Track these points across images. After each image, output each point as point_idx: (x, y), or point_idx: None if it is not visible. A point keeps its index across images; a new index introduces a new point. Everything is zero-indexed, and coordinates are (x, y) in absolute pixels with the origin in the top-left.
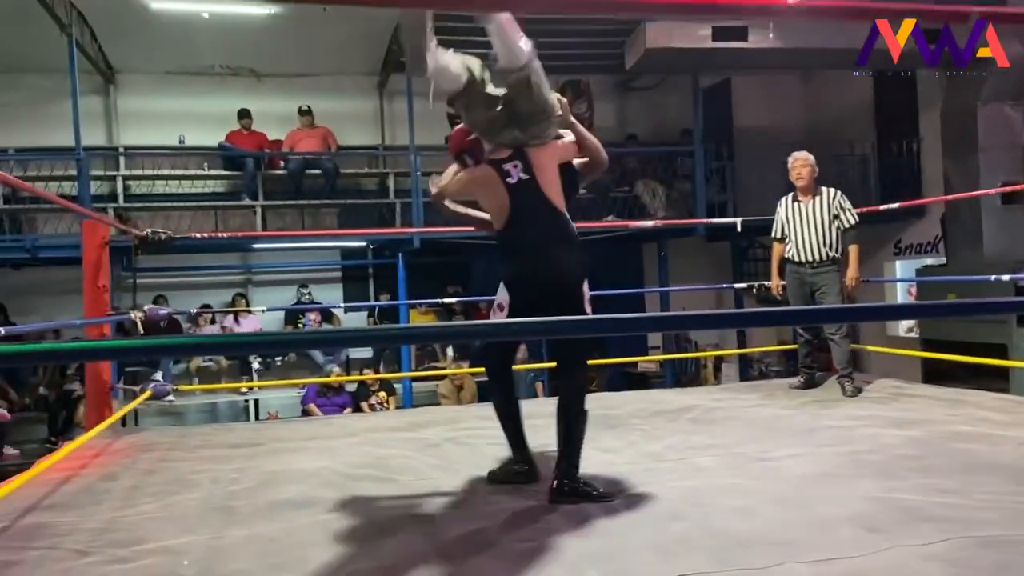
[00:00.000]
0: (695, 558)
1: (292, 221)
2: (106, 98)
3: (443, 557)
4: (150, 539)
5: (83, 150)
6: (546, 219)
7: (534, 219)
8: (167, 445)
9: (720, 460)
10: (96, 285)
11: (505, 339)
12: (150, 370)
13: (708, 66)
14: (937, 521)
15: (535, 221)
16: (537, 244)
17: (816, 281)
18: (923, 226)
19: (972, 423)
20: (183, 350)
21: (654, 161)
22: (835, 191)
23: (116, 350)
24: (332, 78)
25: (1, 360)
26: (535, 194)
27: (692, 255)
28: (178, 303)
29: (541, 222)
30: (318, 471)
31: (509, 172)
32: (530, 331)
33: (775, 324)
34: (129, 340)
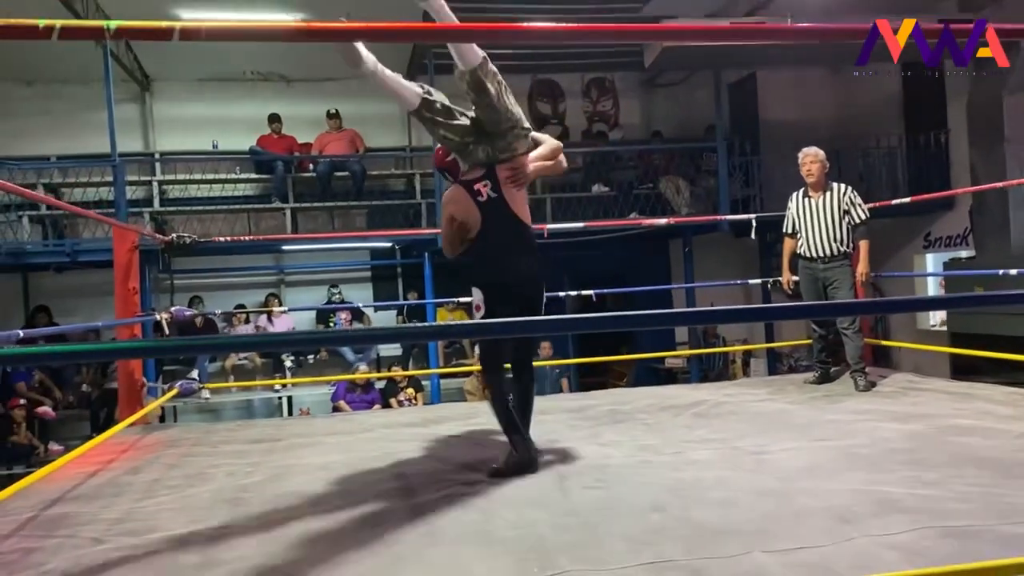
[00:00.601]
0: (666, 547)
1: (322, 222)
2: (142, 105)
3: (432, 545)
4: (160, 528)
5: (119, 156)
6: (513, 231)
7: (503, 232)
8: (192, 441)
9: (715, 453)
10: (127, 287)
11: (523, 336)
12: (187, 368)
13: (729, 62)
14: (910, 512)
15: (503, 233)
16: (506, 254)
17: (828, 276)
18: (952, 218)
19: (975, 417)
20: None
21: (678, 157)
22: (845, 186)
23: (135, 350)
24: (359, 81)
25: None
26: (503, 210)
27: (719, 251)
28: (214, 304)
29: (508, 235)
30: (328, 465)
31: (479, 192)
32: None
33: (786, 319)
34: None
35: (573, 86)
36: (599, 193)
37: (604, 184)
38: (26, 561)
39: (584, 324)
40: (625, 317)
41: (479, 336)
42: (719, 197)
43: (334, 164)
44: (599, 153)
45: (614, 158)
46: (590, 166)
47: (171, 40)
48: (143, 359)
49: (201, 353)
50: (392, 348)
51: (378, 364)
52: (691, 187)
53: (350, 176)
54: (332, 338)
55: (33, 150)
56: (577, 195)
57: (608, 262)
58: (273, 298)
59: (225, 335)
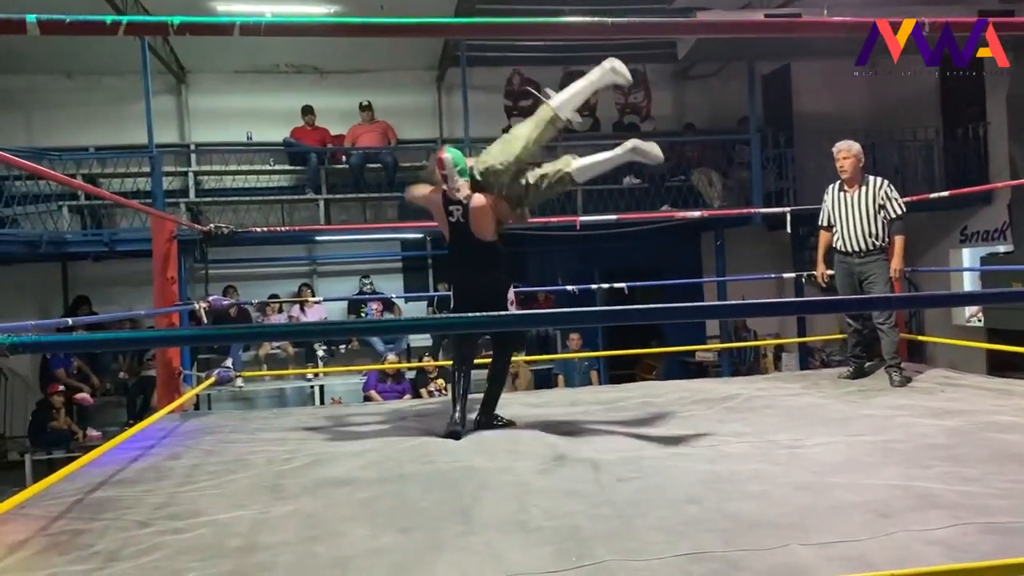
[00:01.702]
0: (703, 539)
1: (354, 214)
2: (178, 97)
3: (469, 533)
4: (204, 513)
5: (156, 147)
6: (474, 249)
7: (465, 248)
8: (229, 428)
9: (749, 447)
10: (164, 277)
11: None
12: (221, 357)
13: (763, 53)
14: (950, 508)
15: (466, 250)
16: (465, 266)
17: (863, 270)
18: (990, 213)
19: (1014, 413)
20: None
21: (711, 149)
22: (882, 180)
23: (177, 338)
24: (392, 73)
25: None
26: (467, 233)
27: (751, 244)
28: (248, 293)
29: (470, 251)
30: (363, 452)
31: (452, 212)
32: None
33: (818, 312)
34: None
35: None
36: (630, 185)
37: (635, 176)
38: (75, 542)
39: (613, 316)
40: (653, 310)
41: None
42: (752, 190)
43: (367, 156)
44: None
45: None
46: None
47: (231, 35)
48: (181, 347)
49: (239, 341)
50: (423, 338)
51: (408, 354)
52: (724, 179)
53: (382, 168)
54: (364, 328)
55: (72, 141)
56: (608, 187)
57: (639, 255)
58: (306, 288)
59: (262, 324)
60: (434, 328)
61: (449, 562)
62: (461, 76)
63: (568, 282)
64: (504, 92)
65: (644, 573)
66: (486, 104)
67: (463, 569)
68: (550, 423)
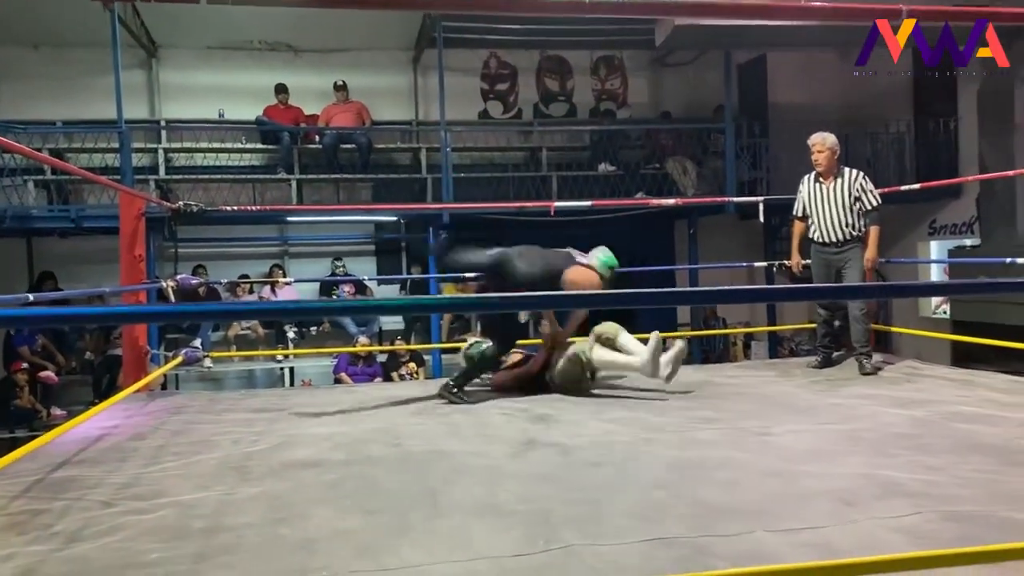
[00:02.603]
0: (670, 524)
1: (327, 195)
2: (148, 72)
3: (437, 516)
4: (168, 494)
5: (125, 123)
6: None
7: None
8: (196, 408)
9: (719, 434)
10: (132, 254)
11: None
12: (190, 337)
13: (740, 42)
14: (914, 496)
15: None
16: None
17: (840, 260)
18: (959, 206)
19: (977, 404)
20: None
21: (686, 138)
22: (857, 172)
23: (142, 315)
24: (367, 53)
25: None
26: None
27: (724, 233)
28: (217, 273)
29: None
30: (332, 435)
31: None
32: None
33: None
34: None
35: (582, 63)
36: (605, 172)
37: (611, 163)
38: (34, 522)
39: (585, 300)
40: (624, 295)
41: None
42: (726, 179)
43: (340, 136)
44: (606, 132)
45: (621, 137)
46: (597, 145)
47: (198, 3)
48: (148, 326)
49: (205, 320)
50: (395, 322)
51: (380, 337)
52: (698, 168)
53: (356, 148)
54: (338, 308)
55: (38, 114)
56: (584, 174)
57: (613, 241)
58: (277, 269)
59: (232, 302)
60: (405, 309)
61: (415, 545)
62: (437, 57)
63: None
64: (480, 75)
65: (611, 558)
66: (462, 86)
67: (429, 552)
68: (521, 408)
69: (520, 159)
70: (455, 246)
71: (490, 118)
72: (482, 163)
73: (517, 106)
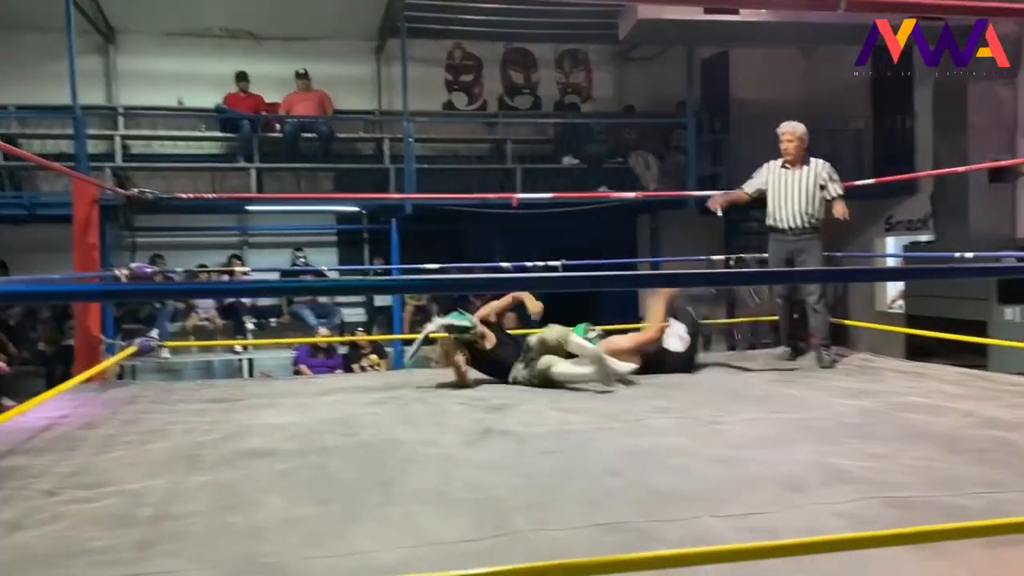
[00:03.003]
0: (619, 510)
1: (288, 184)
2: (105, 58)
3: (388, 504)
4: (115, 482)
5: (80, 109)
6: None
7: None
8: (149, 398)
9: (673, 422)
10: (86, 242)
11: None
12: (147, 327)
13: (703, 38)
14: (857, 483)
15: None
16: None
17: (798, 248)
18: (914, 203)
19: (926, 395)
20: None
21: (649, 133)
22: (823, 162)
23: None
24: (330, 42)
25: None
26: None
27: (685, 227)
28: (175, 263)
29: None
30: (286, 425)
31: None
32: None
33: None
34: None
35: (546, 56)
36: (569, 165)
37: (575, 157)
38: None
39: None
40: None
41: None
42: (687, 174)
43: (302, 125)
44: (570, 125)
45: (585, 131)
46: (561, 138)
47: None
48: (102, 315)
49: (155, 298)
50: (356, 313)
51: (341, 329)
52: (660, 163)
53: (318, 138)
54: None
55: None
56: (547, 167)
57: (576, 235)
58: (236, 259)
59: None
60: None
61: (365, 532)
62: (401, 47)
63: (506, 260)
64: (445, 66)
65: (559, 543)
66: (426, 77)
67: (379, 539)
68: (479, 397)
69: (484, 151)
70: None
71: (454, 109)
72: (446, 154)
73: (482, 98)
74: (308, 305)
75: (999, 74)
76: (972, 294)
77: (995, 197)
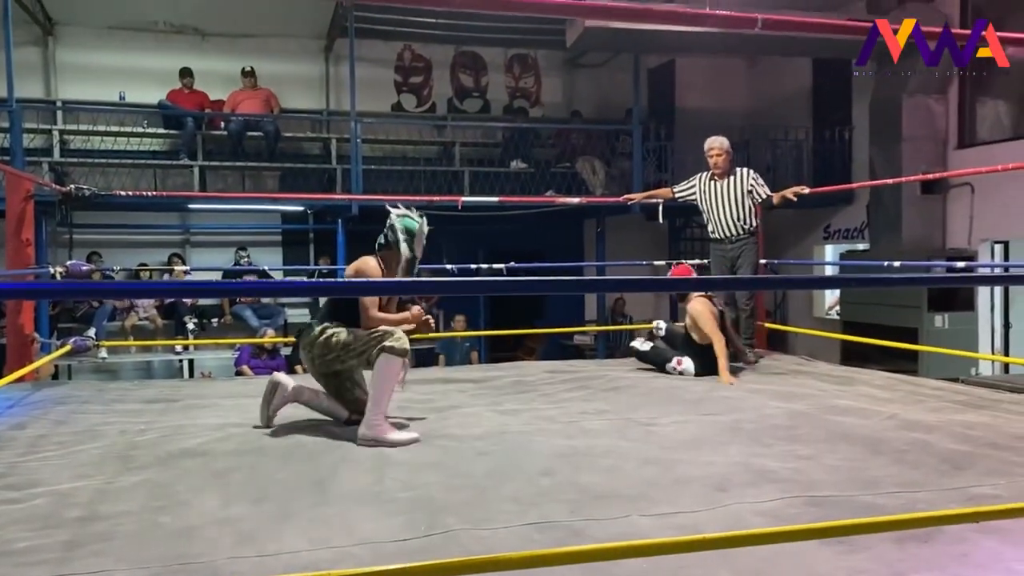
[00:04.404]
0: (551, 509)
1: (233, 183)
2: (44, 50)
3: (322, 504)
4: (44, 483)
5: (16, 102)
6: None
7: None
8: (83, 399)
9: (608, 424)
10: (19, 239)
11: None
12: (84, 326)
13: (649, 47)
14: (782, 483)
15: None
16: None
17: (735, 255)
18: (851, 212)
19: (853, 399)
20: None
21: (596, 138)
22: (748, 170)
23: (23, 291)
24: (277, 40)
25: None
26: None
27: (631, 232)
28: (114, 261)
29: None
30: (223, 426)
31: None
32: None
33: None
34: (33, 283)
35: (496, 60)
36: (517, 169)
37: (523, 161)
38: None
39: (487, 287)
40: (524, 281)
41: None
42: (633, 180)
43: (247, 123)
44: (519, 129)
45: (534, 135)
46: (509, 142)
47: None
48: (36, 313)
49: (92, 297)
50: (301, 313)
51: (285, 330)
52: (607, 168)
53: (263, 136)
54: (234, 288)
55: None
56: (496, 170)
57: (523, 239)
58: (177, 258)
59: (117, 281)
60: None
61: (298, 531)
62: (349, 47)
63: (452, 263)
64: (395, 67)
65: (491, 541)
66: (375, 78)
67: (311, 538)
68: (422, 400)
69: (433, 153)
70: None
71: (403, 111)
72: (394, 156)
73: (431, 100)
74: (251, 305)
75: (932, 89)
76: (904, 302)
77: (927, 208)
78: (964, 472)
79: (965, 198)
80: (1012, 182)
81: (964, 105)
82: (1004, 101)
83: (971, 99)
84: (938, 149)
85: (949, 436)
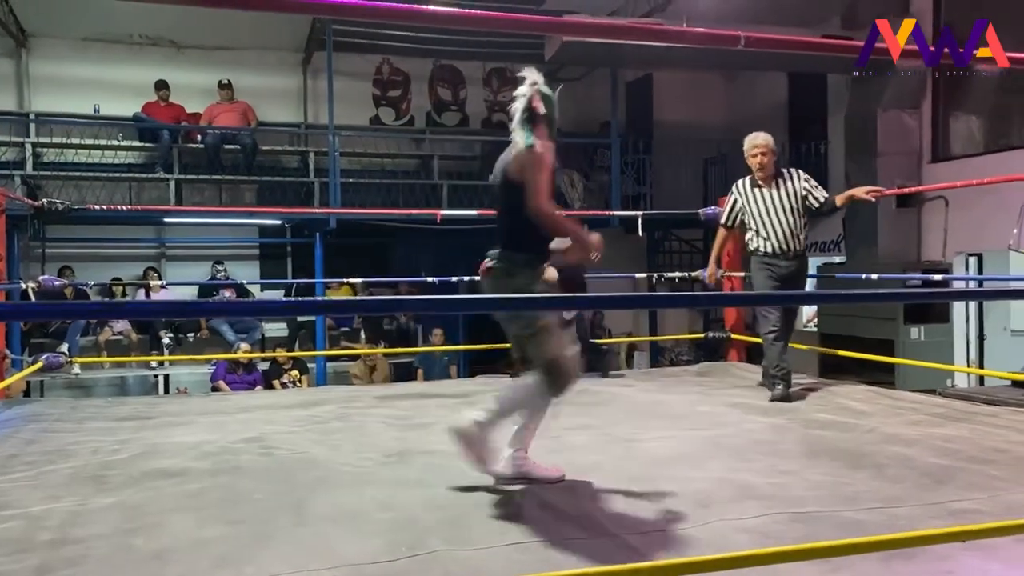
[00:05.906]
0: (534, 529)
1: (209, 196)
2: (17, 62)
3: (301, 524)
4: (14, 505)
5: None
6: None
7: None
8: (55, 416)
9: (590, 440)
10: None
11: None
12: (57, 342)
13: (628, 61)
14: (765, 499)
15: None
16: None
17: (789, 274)
18: (827, 225)
19: (834, 412)
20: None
21: (574, 152)
22: (797, 171)
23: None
24: (255, 52)
25: None
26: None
27: (610, 245)
28: (88, 275)
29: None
30: (199, 444)
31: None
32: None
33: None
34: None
35: (475, 74)
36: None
37: None
38: None
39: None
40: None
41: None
42: (611, 193)
43: (224, 136)
44: (497, 143)
45: None
46: (488, 155)
47: None
48: (7, 329)
49: (63, 317)
50: (278, 328)
51: (263, 345)
52: (585, 182)
53: (240, 150)
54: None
55: None
56: (475, 183)
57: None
58: (152, 272)
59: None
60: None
61: (276, 554)
62: (327, 60)
63: (433, 275)
64: (373, 80)
65: (472, 562)
66: (353, 91)
67: (289, 560)
68: (400, 415)
69: (411, 166)
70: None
71: (382, 124)
72: (372, 169)
73: (409, 113)
74: (227, 320)
75: (906, 104)
76: (881, 314)
77: (902, 221)
78: (945, 486)
79: (939, 211)
80: (985, 196)
81: (937, 119)
82: (976, 116)
83: (944, 114)
84: (912, 163)
85: (929, 450)
